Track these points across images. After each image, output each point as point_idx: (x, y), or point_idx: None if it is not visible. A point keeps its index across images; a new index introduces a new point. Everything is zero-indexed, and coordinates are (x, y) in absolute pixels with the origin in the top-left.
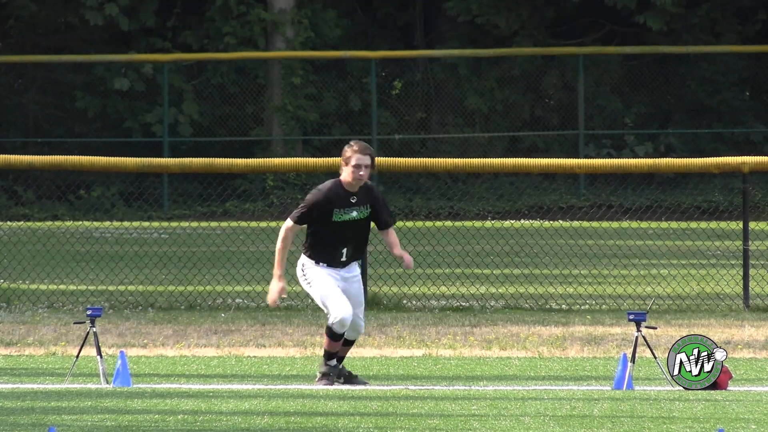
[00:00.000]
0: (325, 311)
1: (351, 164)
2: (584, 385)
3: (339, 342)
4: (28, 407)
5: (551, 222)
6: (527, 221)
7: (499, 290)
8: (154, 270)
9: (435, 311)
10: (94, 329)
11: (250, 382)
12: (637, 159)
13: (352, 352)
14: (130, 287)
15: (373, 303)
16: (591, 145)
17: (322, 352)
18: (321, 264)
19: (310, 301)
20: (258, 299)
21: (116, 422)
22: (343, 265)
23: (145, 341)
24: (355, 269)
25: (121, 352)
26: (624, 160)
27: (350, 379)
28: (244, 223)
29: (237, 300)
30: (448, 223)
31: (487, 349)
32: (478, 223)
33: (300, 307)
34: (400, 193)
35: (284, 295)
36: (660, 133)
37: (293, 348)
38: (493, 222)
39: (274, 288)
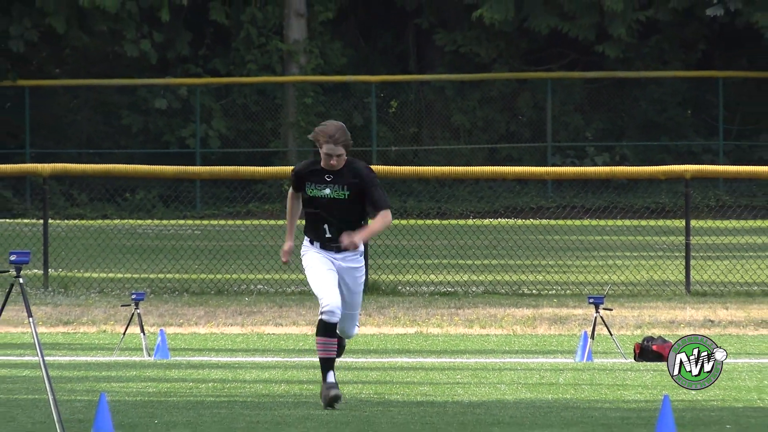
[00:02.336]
0: (317, 298)
1: (323, 151)
2: (551, 357)
3: (330, 340)
4: (82, 376)
5: (523, 220)
6: (503, 219)
7: (480, 278)
8: (188, 261)
9: (425, 295)
10: (138, 311)
11: (269, 355)
12: (596, 167)
13: (372, 328)
14: (168, 275)
15: (372, 289)
16: (557, 155)
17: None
18: (314, 243)
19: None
20: (276, 285)
21: (156, 389)
22: (334, 246)
23: (180, 321)
24: (355, 261)
25: (161, 330)
26: (585, 168)
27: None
28: (264, 222)
29: (258, 286)
30: (437, 221)
31: (470, 327)
32: (461, 222)
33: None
34: (396, 195)
35: (290, 255)
36: (616, 145)
37: (306, 326)
38: (474, 220)
39: (284, 247)
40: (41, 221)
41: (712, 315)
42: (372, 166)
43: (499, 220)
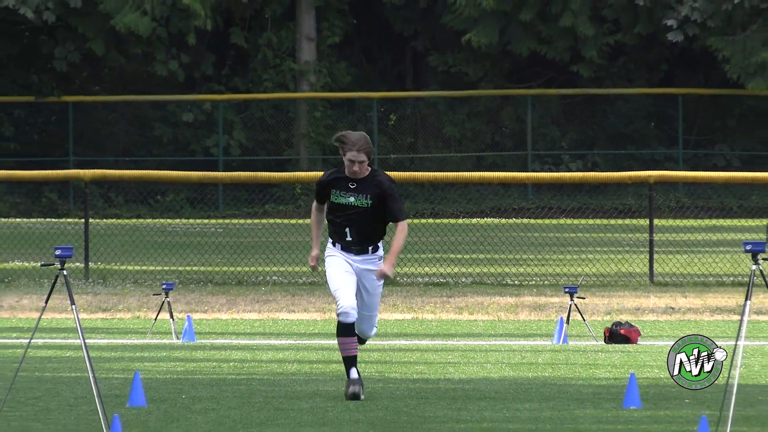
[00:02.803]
0: (335, 302)
1: (346, 158)
2: (531, 340)
3: (349, 339)
4: (119, 357)
5: (507, 219)
6: (489, 219)
7: (468, 270)
8: (212, 255)
9: (420, 285)
10: (168, 299)
11: (283, 338)
12: (570, 173)
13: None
14: (194, 268)
15: None
16: (536, 162)
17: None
18: (336, 245)
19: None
20: (289, 277)
21: (184, 368)
22: (354, 248)
23: (205, 308)
24: (373, 264)
25: (188, 315)
26: (561, 173)
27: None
28: (279, 220)
29: (273, 277)
30: (431, 220)
31: (459, 313)
32: (452, 221)
33: (320, 283)
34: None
35: (318, 262)
36: (588, 153)
37: (316, 313)
38: (463, 219)
39: (311, 254)
40: (82, 220)
41: (673, 303)
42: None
43: (485, 219)
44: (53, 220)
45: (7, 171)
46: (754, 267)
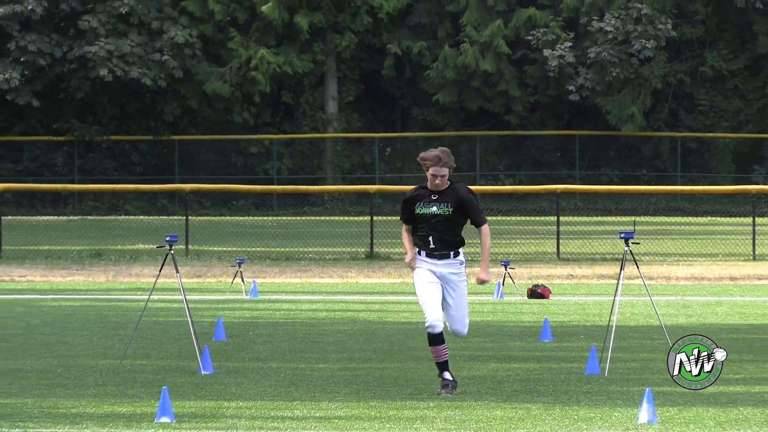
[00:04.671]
0: (423, 314)
1: (430, 173)
2: (479, 296)
3: (439, 347)
4: (207, 307)
5: None
6: None
7: None
8: (269, 240)
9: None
10: (240, 269)
11: (316, 295)
12: (505, 186)
13: (375, 279)
14: (257, 248)
15: (375, 257)
16: (482, 179)
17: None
18: (421, 253)
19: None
20: (320, 254)
21: (251, 315)
22: (437, 254)
23: (265, 275)
24: (455, 267)
25: (253, 280)
26: (498, 186)
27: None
28: (313, 218)
29: (308, 255)
30: None
31: None
32: None
33: (341, 258)
34: (393, 204)
35: (414, 259)
36: (516, 173)
37: (338, 278)
38: None
39: (409, 257)
40: (184, 218)
41: (572, 272)
42: (378, 186)
43: None
44: (165, 217)
45: (135, 185)
46: (626, 248)
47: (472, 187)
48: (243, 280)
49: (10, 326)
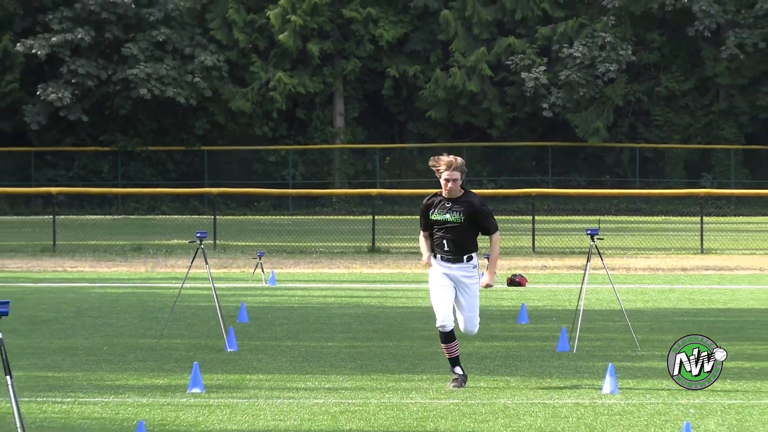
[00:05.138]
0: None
1: (443, 178)
2: None
3: (450, 344)
4: (232, 294)
5: None
6: None
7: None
8: (285, 236)
9: (403, 253)
10: (261, 261)
11: (325, 283)
12: (488, 190)
13: (376, 270)
14: (275, 243)
15: (376, 250)
16: (468, 185)
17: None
18: (436, 256)
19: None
20: (330, 248)
21: (270, 300)
22: (452, 258)
23: (281, 266)
24: (467, 271)
25: (272, 270)
26: (482, 190)
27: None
28: (322, 217)
29: (320, 249)
30: (408, 216)
31: (425, 268)
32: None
33: (347, 252)
34: (393, 205)
35: (431, 263)
36: (497, 179)
37: (345, 268)
38: None
39: (424, 259)
40: (212, 217)
41: (546, 263)
42: (378, 190)
43: None
44: (195, 216)
45: (170, 189)
46: (591, 243)
47: None
48: (263, 271)
49: (62, 310)
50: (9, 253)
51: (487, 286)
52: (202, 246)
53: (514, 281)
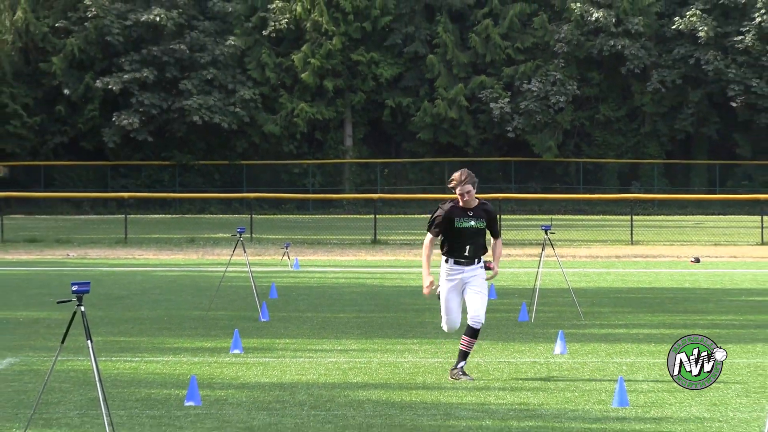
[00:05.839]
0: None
1: (458, 192)
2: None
3: (472, 340)
4: (265, 276)
5: None
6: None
7: (420, 239)
8: (307, 231)
9: (398, 243)
10: (287, 250)
11: (338, 267)
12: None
13: (377, 257)
14: (298, 236)
15: (378, 242)
16: (450, 191)
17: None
18: (448, 261)
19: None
20: (341, 240)
21: (294, 281)
22: (467, 262)
23: (303, 254)
24: (476, 270)
25: (296, 258)
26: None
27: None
28: (336, 216)
29: (334, 240)
30: (403, 215)
31: (415, 257)
32: (417, 216)
33: (356, 244)
34: (393, 207)
35: (432, 287)
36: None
37: (353, 256)
38: (423, 215)
39: (424, 283)
40: (249, 216)
41: (510, 252)
42: (379, 195)
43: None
44: (236, 215)
45: (216, 194)
46: (545, 236)
47: (444, 196)
48: (289, 258)
49: (132, 289)
50: (90, 244)
51: (489, 268)
52: (241, 239)
53: (486, 266)
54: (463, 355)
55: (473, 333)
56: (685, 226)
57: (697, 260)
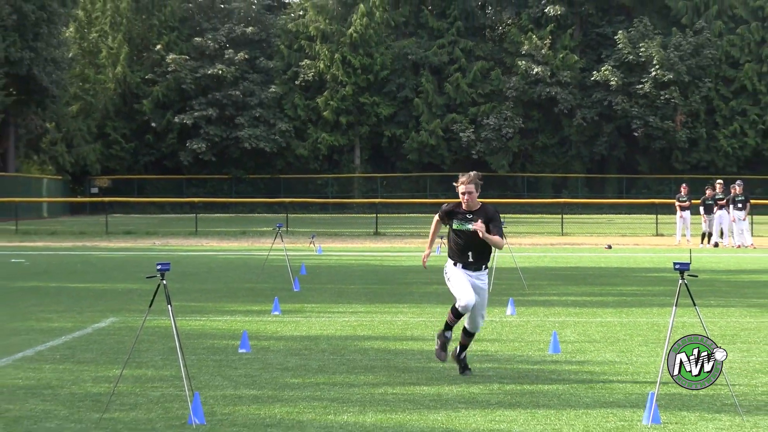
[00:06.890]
0: (455, 297)
1: (460, 191)
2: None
3: (458, 319)
4: (297, 259)
5: (427, 215)
6: (430, 214)
7: (417, 230)
8: (327, 226)
9: (394, 235)
10: (313, 240)
11: (354, 252)
12: (442, 199)
13: (379, 245)
14: (321, 230)
15: (378, 234)
16: (431, 197)
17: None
18: (457, 265)
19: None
20: (354, 233)
21: (317, 263)
22: (473, 267)
23: (325, 243)
24: (483, 278)
25: (319, 245)
26: (438, 200)
27: (463, 369)
28: (348, 214)
29: (345, 233)
30: (402, 214)
31: (410, 244)
32: (412, 215)
33: (366, 235)
34: (393, 209)
35: (428, 260)
36: (446, 194)
37: (359, 244)
38: (418, 214)
39: (425, 254)
40: (286, 215)
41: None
42: (380, 200)
43: (426, 214)
44: (276, 214)
45: (262, 199)
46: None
47: (431, 200)
48: (314, 245)
49: (199, 268)
50: (170, 235)
51: (479, 228)
52: (280, 231)
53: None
54: (448, 327)
55: (469, 333)
56: (601, 222)
57: (610, 247)
